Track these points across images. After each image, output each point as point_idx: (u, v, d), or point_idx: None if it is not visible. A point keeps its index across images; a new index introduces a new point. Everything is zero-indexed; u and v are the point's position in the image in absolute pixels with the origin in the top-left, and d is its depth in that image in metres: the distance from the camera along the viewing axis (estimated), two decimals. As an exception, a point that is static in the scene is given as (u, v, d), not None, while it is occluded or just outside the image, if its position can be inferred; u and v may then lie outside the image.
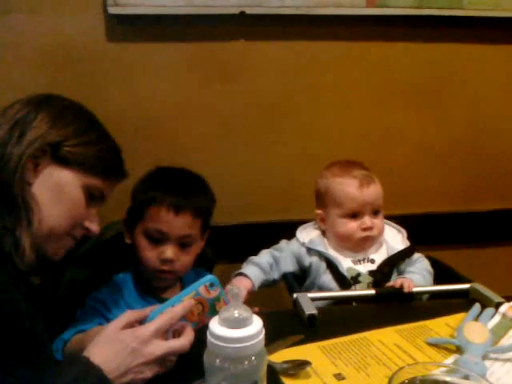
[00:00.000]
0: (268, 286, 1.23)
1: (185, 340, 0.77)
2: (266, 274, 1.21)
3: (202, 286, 0.81)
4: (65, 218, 0.86)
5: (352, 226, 1.21)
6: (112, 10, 1.36)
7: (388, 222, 1.31)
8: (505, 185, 1.75)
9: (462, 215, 1.74)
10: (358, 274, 1.19)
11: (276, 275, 1.23)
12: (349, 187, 1.21)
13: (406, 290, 1.08)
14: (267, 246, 1.28)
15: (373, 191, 1.22)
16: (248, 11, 1.43)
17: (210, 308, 0.81)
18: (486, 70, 1.66)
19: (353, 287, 1.17)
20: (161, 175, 1.13)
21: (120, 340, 0.74)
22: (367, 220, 1.20)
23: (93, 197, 0.90)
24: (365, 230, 1.20)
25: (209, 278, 0.82)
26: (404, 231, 1.29)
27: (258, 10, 1.44)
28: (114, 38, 1.41)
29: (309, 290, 1.21)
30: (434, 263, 1.25)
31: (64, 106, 0.90)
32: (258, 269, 1.21)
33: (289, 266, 1.24)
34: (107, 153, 0.92)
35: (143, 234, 1.07)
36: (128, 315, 0.78)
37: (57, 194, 0.85)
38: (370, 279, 1.19)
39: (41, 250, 0.83)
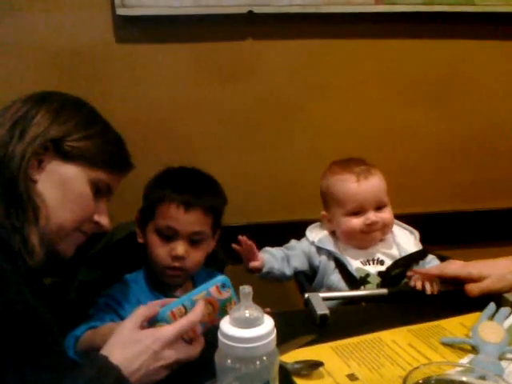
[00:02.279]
0: (279, 278, 1.23)
1: (198, 347, 0.78)
2: (278, 263, 1.21)
3: (214, 286, 0.80)
4: (72, 214, 0.86)
5: (356, 222, 1.20)
6: (120, 11, 1.37)
7: (400, 223, 1.30)
8: (518, 182, 1.73)
9: (474, 214, 1.72)
10: (367, 275, 1.18)
11: (287, 270, 1.23)
12: (347, 183, 1.20)
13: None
14: (276, 246, 1.28)
15: (372, 184, 1.20)
16: (256, 10, 1.43)
17: (221, 309, 0.80)
18: (496, 67, 1.64)
19: (361, 287, 1.16)
20: (172, 174, 1.14)
21: (140, 341, 0.73)
22: (371, 215, 1.19)
23: (99, 190, 0.90)
24: (370, 225, 1.19)
25: (221, 278, 0.81)
26: (417, 233, 1.27)
27: (266, 9, 1.43)
28: (122, 39, 1.42)
29: (317, 289, 1.20)
30: (447, 261, 1.23)
31: (64, 101, 0.89)
32: (269, 255, 1.21)
33: (300, 263, 1.24)
34: (111, 145, 0.91)
35: (154, 231, 1.08)
36: (142, 312, 0.77)
37: (63, 189, 0.85)
38: (378, 280, 1.17)
39: (50, 246, 0.83)
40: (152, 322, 0.78)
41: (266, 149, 1.57)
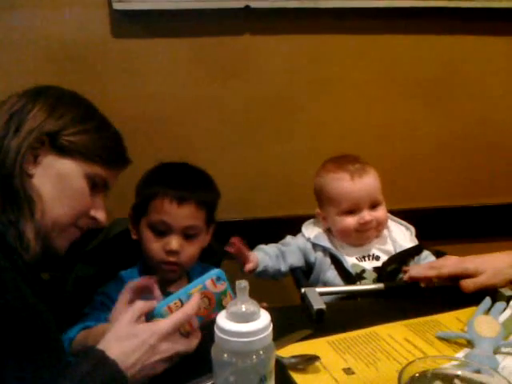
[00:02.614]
0: (274, 275, 1.23)
1: (196, 340, 0.78)
2: (272, 261, 1.21)
3: (209, 279, 0.81)
4: (69, 209, 0.85)
5: (350, 221, 1.19)
6: (116, 6, 1.36)
7: (396, 219, 1.30)
8: (514, 178, 1.73)
9: (471, 209, 1.73)
10: (363, 271, 1.18)
11: (283, 267, 1.23)
12: (341, 182, 1.20)
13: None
14: (273, 242, 1.28)
15: (366, 183, 1.19)
16: (253, 5, 1.42)
17: (217, 302, 0.81)
18: (495, 64, 1.64)
19: (357, 283, 1.16)
20: (164, 170, 1.14)
21: (137, 335, 0.73)
22: (366, 215, 1.19)
23: (96, 185, 0.90)
24: (364, 224, 1.19)
25: (215, 271, 0.82)
26: (413, 229, 1.28)
27: (263, 4, 1.43)
28: (119, 34, 1.41)
29: (313, 285, 1.20)
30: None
31: (60, 95, 0.89)
32: (263, 254, 1.21)
33: (295, 260, 1.24)
34: (107, 140, 0.91)
35: (148, 227, 1.08)
36: (139, 307, 0.77)
37: (59, 184, 0.84)
38: (374, 276, 1.18)
39: (45, 242, 0.83)
40: (149, 317, 0.78)
41: (264, 145, 1.57)
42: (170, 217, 1.06)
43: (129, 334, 0.73)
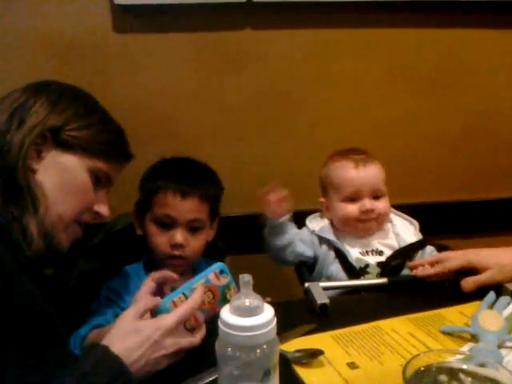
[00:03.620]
0: (288, 245, 1.22)
1: (200, 335, 0.78)
2: (294, 232, 1.23)
3: (212, 273, 0.81)
4: (72, 204, 0.85)
5: (351, 208, 1.20)
6: (118, 1, 1.36)
7: (400, 213, 1.30)
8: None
9: (474, 203, 1.72)
10: (367, 265, 1.19)
11: (291, 256, 1.23)
12: (345, 169, 1.22)
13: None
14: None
15: (370, 171, 1.21)
16: (255, -1, 1.41)
17: (221, 296, 0.81)
18: (498, 57, 1.63)
19: (361, 278, 1.17)
20: (167, 165, 1.15)
21: (140, 330, 0.73)
22: (367, 202, 1.19)
23: (99, 180, 0.90)
24: (365, 213, 1.19)
25: (218, 265, 0.82)
26: (416, 223, 1.28)
27: (265, -2, 1.42)
28: (120, 29, 1.41)
29: (317, 280, 1.20)
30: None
31: (62, 90, 0.89)
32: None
33: (303, 249, 1.24)
34: (110, 135, 0.91)
35: (152, 221, 1.09)
36: (144, 303, 0.78)
37: (62, 179, 0.84)
38: (378, 270, 1.18)
39: (48, 239, 0.83)
40: (154, 313, 0.79)
41: (266, 140, 1.56)
42: (174, 210, 1.07)
43: (132, 329, 0.73)
